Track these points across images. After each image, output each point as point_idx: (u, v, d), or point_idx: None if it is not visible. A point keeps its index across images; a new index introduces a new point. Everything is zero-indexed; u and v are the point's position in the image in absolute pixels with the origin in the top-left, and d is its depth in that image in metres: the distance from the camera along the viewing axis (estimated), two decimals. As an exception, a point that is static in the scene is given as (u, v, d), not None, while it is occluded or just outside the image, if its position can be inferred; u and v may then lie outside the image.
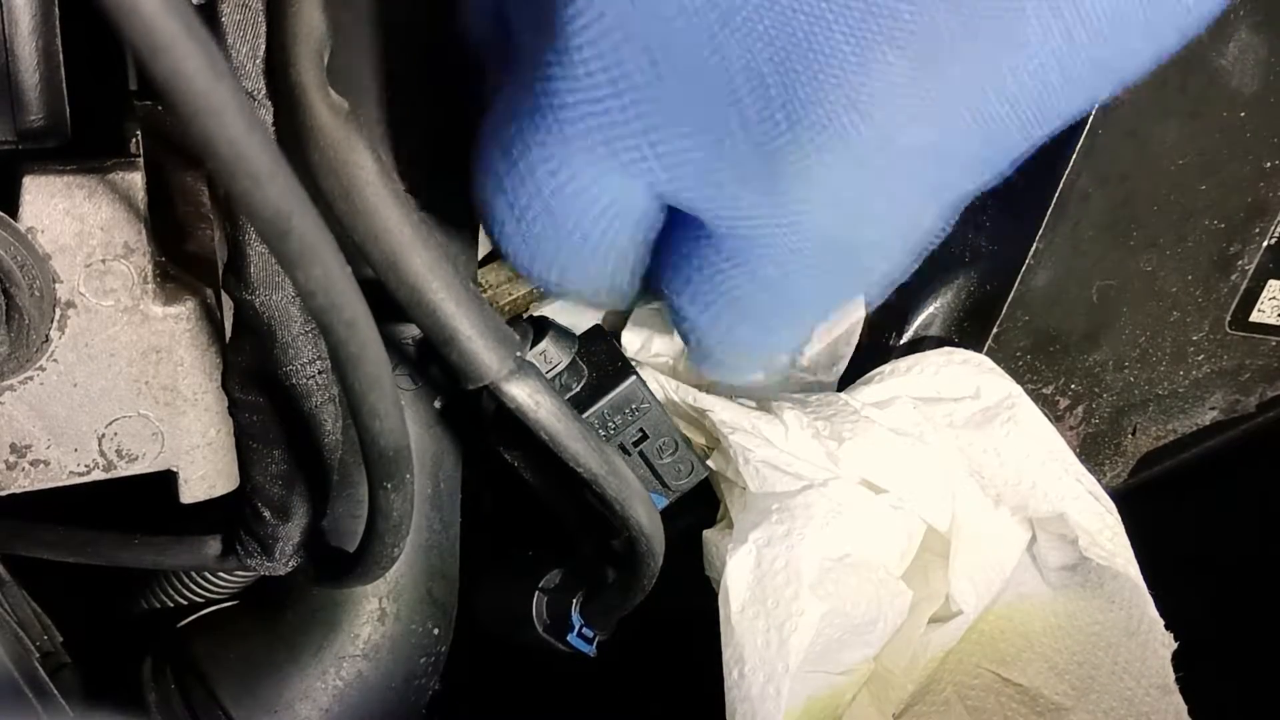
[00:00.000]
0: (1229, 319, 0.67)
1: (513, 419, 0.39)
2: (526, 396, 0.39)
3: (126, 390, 0.44)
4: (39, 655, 0.50)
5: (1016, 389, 0.60)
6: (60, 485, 0.44)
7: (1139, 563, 0.59)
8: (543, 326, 0.49)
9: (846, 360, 0.68)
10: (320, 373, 0.43)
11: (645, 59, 0.27)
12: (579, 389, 0.52)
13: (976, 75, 0.27)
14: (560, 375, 0.50)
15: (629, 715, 0.68)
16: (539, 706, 0.69)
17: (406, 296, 0.37)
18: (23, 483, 0.44)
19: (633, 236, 0.33)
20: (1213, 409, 0.71)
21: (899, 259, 0.33)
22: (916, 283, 0.66)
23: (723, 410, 0.57)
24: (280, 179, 0.28)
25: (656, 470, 0.55)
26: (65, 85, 0.42)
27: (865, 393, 0.60)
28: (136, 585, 0.63)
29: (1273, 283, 0.66)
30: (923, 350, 0.62)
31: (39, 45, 0.41)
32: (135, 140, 0.46)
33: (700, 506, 0.60)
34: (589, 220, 0.32)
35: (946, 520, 0.58)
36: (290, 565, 0.48)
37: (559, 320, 0.50)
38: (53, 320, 0.42)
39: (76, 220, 0.41)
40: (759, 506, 0.55)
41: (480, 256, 0.62)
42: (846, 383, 0.64)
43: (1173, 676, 0.59)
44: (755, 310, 0.32)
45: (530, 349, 0.48)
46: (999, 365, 0.61)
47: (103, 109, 0.47)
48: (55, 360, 0.42)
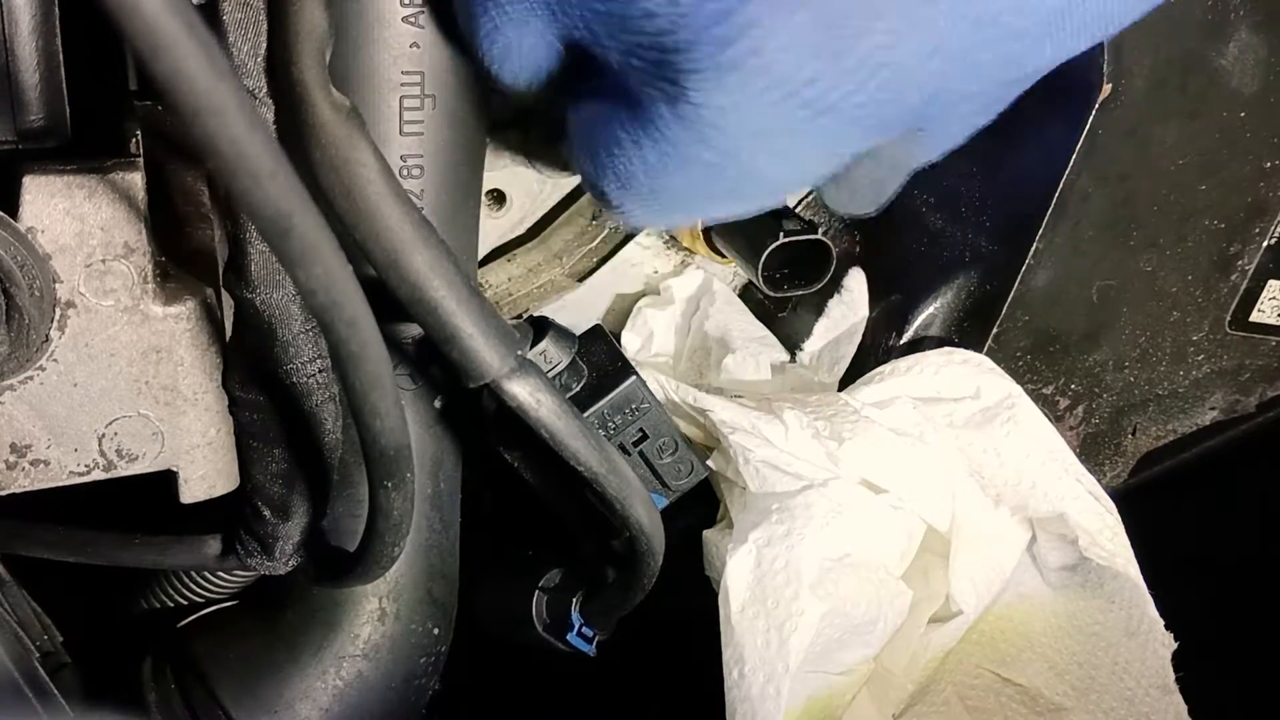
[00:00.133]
0: (1229, 319, 0.67)
1: (513, 418, 0.39)
2: (527, 395, 0.39)
3: (126, 390, 0.44)
4: (39, 655, 0.50)
5: (1016, 389, 0.60)
6: (60, 485, 0.44)
7: (1139, 563, 0.59)
8: (543, 326, 0.49)
9: (847, 360, 0.68)
10: (321, 371, 0.43)
11: None
12: (579, 389, 0.52)
13: (880, 49, 0.29)
14: (560, 375, 0.50)
15: (629, 715, 0.68)
16: (539, 706, 0.69)
17: (407, 294, 0.37)
18: (23, 483, 0.44)
19: (547, 65, 0.36)
20: (1213, 409, 0.71)
21: (775, 190, 0.36)
22: (916, 283, 0.66)
23: (723, 410, 0.57)
24: (281, 177, 0.28)
25: (656, 470, 0.55)
26: (65, 85, 0.42)
27: (865, 393, 0.60)
28: (136, 585, 0.63)
29: (1273, 283, 0.66)
30: (923, 350, 0.62)
31: (39, 45, 0.41)
32: (135, 140, 0.46)
33: (700, 506, 0.60)
34: (516, 42, 0.35)
35: (946, 520, 0.58)
36: (290, 565, 0.48)
37: (559, 320, 0.50)
38: (53, 320, 0.42)
39: (76, 220, 0.41)
40: (759, 506, 0.55)
41: (481, 256, 0.62)
42: (846, 383, 0.64)
43: (1173, 676, 0.59)
44: (632, 186, 0.35)
45: (530, 349, 0.48)
46: (999, 365, 0.61)
47: (103, 109, 0.47)
48: (55, 360, 0.42)
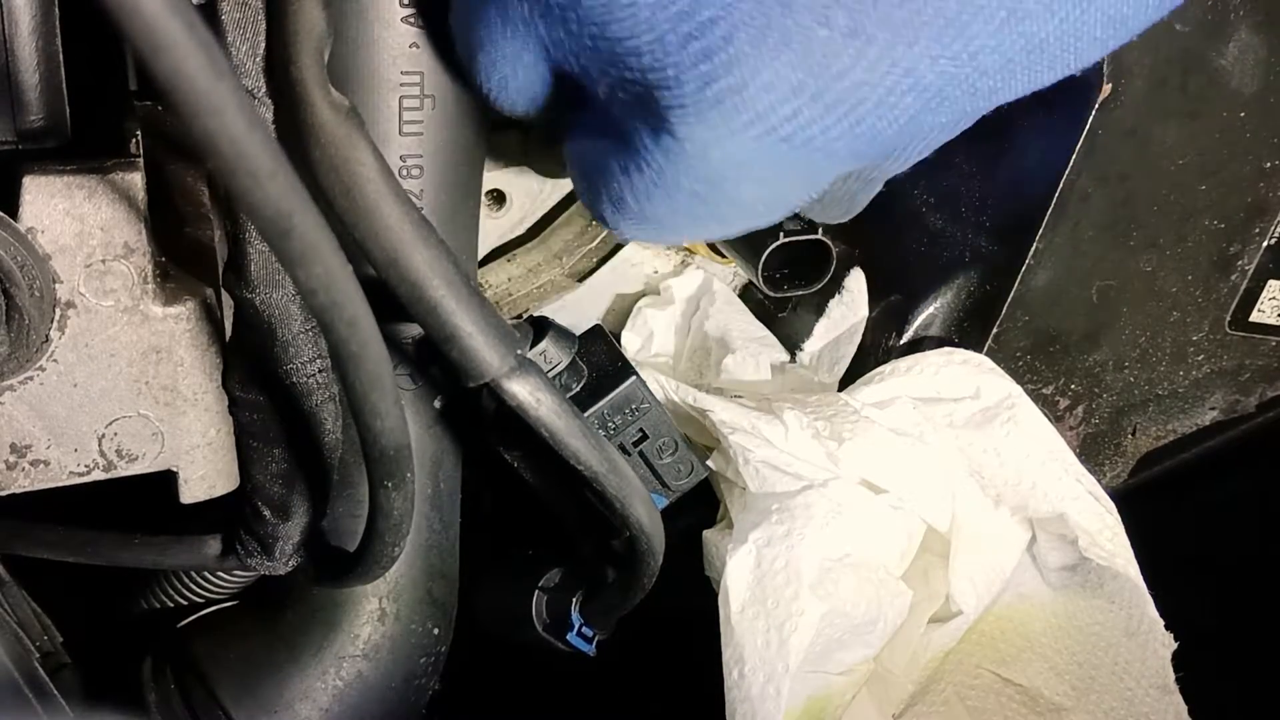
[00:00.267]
0: (1229, 319, 0.67)
1: (513, 417, 0.39)
2: (527, 394, 0.39)
3: (126, 390, 0.44)
4: (39, 655, 0.50)
5: (1016, 389, 0.60)
6: (60, 485, 0.44)
7: (1139, 563, 0.59)
8: (543, 327, 0.49)
9: (847, 360, 0.68)
10: (320, 371, 0.43)
11: None
12: (579, 389, 0.52)
13: (860, 94, 0.30)
14: (560, 375, 0.50)
15: (629, 715, 0.68)
16: (539, 706, 0.69)
17: (407, 294, 0.37)
18: (23, 483, 0.44)
19: (540, 93, 0.37)
20: (1213, 409, 0.71)
21: (758, 216, 0.37)
22: (916, 283, 0.66)
23: (723, 410, 0.57)
24: (281, 177, 0.28)
25: (656, 470, 0.55)
26: (65, 85, 0.42)
27: (865, 393, 0.60)
28: (136, 585, 0.63)
29: (1273, 283, 0.66)
30: (923, 350, 0.62)
31: (39, 45, 0.41)
32: (135, 140, 0.46)
33: (700, 506, 0.60)
34: (511, 71, 0.36)
35: (946, 520, 0.58)
36: (290, 565, 0.48)
37: (559, 320, 0.50)
38: (53, 320, 0.42)
39: (76, 220, 0.41)
40: (759, 506, 0.55)
41: (481, 256, 0.62)
42: (846, 383, 0.64)
43: (1173, 676, 0.59)
44: (621, 207, 0.36)
45: (530, 349, 0.48)
46: (999, 365, 0.61)
47: (103, 109, 0.47)
48: (55, 360, 0.42)
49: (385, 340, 0.35)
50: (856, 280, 0.68)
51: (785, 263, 0.64)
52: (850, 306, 0.68)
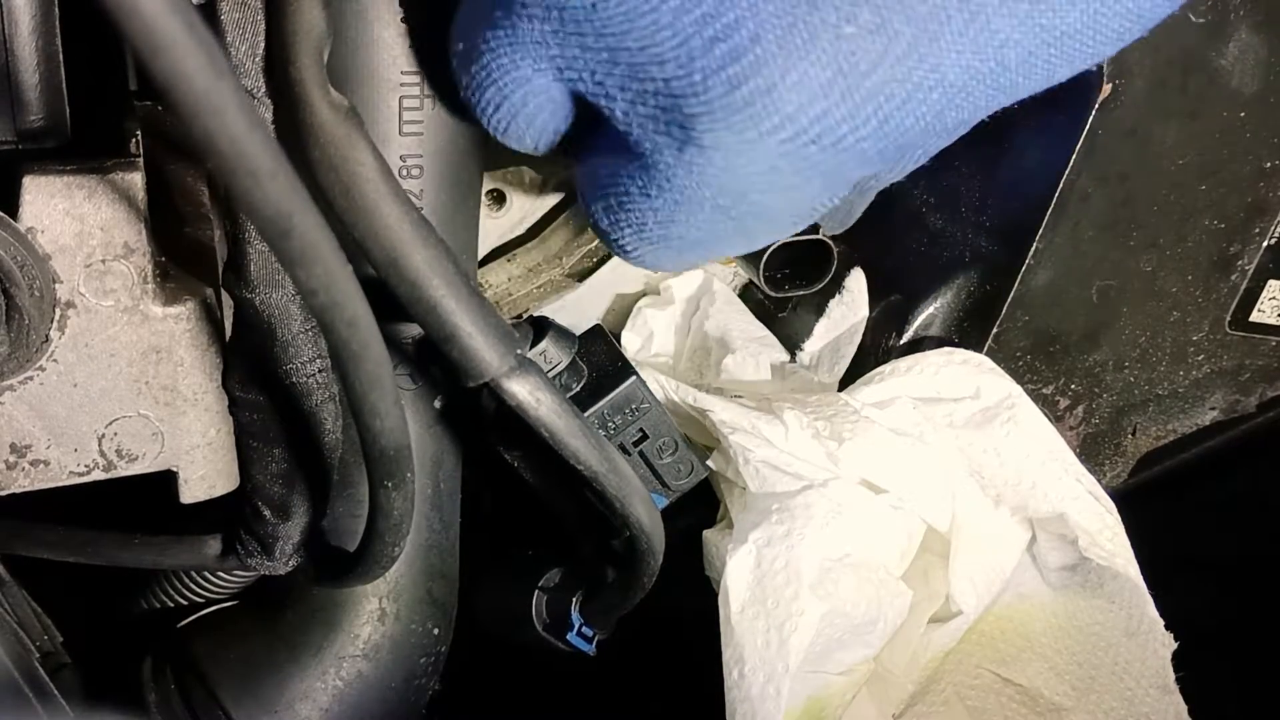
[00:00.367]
0: (1229, 319, 0.67)
1: (513, 417, 0.39)
2: (527, 394, 0.39)
3: (126, 390, 0.44)
4: (39, 655, 0.50)
5: (1016, 389, 0.60)
6: (60, 485, 0.44)
7: (1139, 563, 0.59)
8: (543, 327, 0.49)
9: (847, 360, 0.68)
10: (320, 371, 0.43)
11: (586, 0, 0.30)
12: (579, 389, 0.52)
13: (888, 90, 0.30)
14: (560, 375, 0.50)
15: (629, 715, 0.68)
16: (539, 706, 0.69)
17: (407, 293, 0.37)
18: (23, 483, 0.44)
19: (555, 123, 0.36)
20: (1213, 409, 0.71)
21: (783, 226, 0.37)
22: (916, 283, 0.66)
23: (723, 410, 0.57)
24: (281, 177, 0.28)
25: (656, 470, 0.55)
26: (65, 85, 0.42)
27: (865, 393, 0.60)
28: (136, 585, 0.63)
29: (1273, 283, 0.66)
30: (923, 350, 0.62)
31: (39, 45, 0.41)
32: (135, 140, 0.46)
33: (700, 506, 0.60)
34: (522, 101, 0.35)
35: (946, 520, 0.58)
36: (290, 565, 0.48)
37: (559, 320, 0.50)
38: (53, 320, 0.42)
39: (76, 220, 0.41)
40: (759, 506, 0.55)
41: (481, 256, 0.62)
42: (846, 383, 0.64)
43: (1173, 676, 0.59)
44: (644, 233, 0.35)
45: (530, 349, 0.48)
46: (999, 365, 0.61)
47: (103, 109, 0.47)
48: (55, 360, 0.42)
49: (385, 340, 0.35)
50: (857, 280, 0.68)
51: (786, 263, 0.64)
52: (850, 306, 0.68)
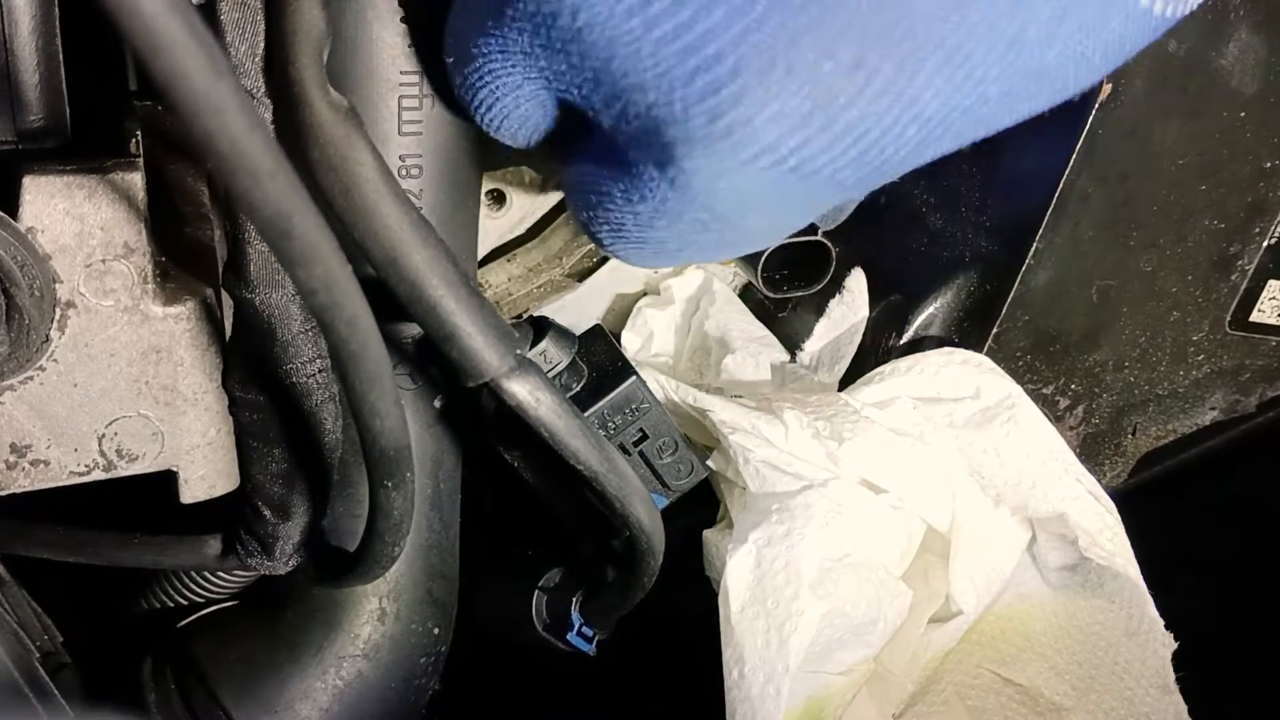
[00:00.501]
0: (1229, 319, 0.67)
1: (513, 417, 0.39)
2: (527, 394, 0.39)
3: (126, 390, 0.44)
4: (39, 655, 0.50)
5: (1016, 389, 0.60)
6: (60, 485, 0.44)
7: (1139, 563, 0.59)
8: (543, 327, 0.49)
9: (847, 360, 0.68)
10: (320, 371, 0.43)
11: (572, 23, 0.30)
12: (579, 389, 0.52)
13: (865, 124, 0.30)
14: (560, 375, 0.50)
15: (629, 715, 0.68)
16: (539, 706, 0.69)
17: (406, 293, 0.37)
18: (23, 483, 0.44)
19: (543, 125, 0.37)
20: (1213, 409, 0.71)
21: (761, 241, 0.37)
22: (916, 283, 0.66)
23: (723, 410, 0.57)
24: (281, 177, 0.28)
25: (656, 470, 0.55)
26: (65, 85, 0.42)
27: (865, 393, 0.60)
28: (136, 585, 0.63)
29: (1273, 283, 0.66)
30: (923, 350, 0.62)
31: (39, 45, 0.41)
32: (135, 140, 0.46)
33: (700, 506, 0.60)
34: (512, 104, 0.36)
35: (946, 520, 0.58)
36: (290, 565, 0.48)
37: (559, 320, 0.50)
38: (53, 320, 0.42)
39: (76, 220, 0.41)
40: (759, 506, 0.55)
41: (481, 256, 0.62)
42: (846, 383, 0.64)
43: (1173, 676, 0.59)
44: (624, 234, 0.36)
45: (530, 349, 0.48)
46: (999, 365, 0.61)
47: (103, 109, 0.47)
48: (55, 360, 0.42)
49: (385, 340, 0.35)
50: (857, 280, 0.68)
51: (785, 263, 0.64)
52: (850, 306, 0.68)
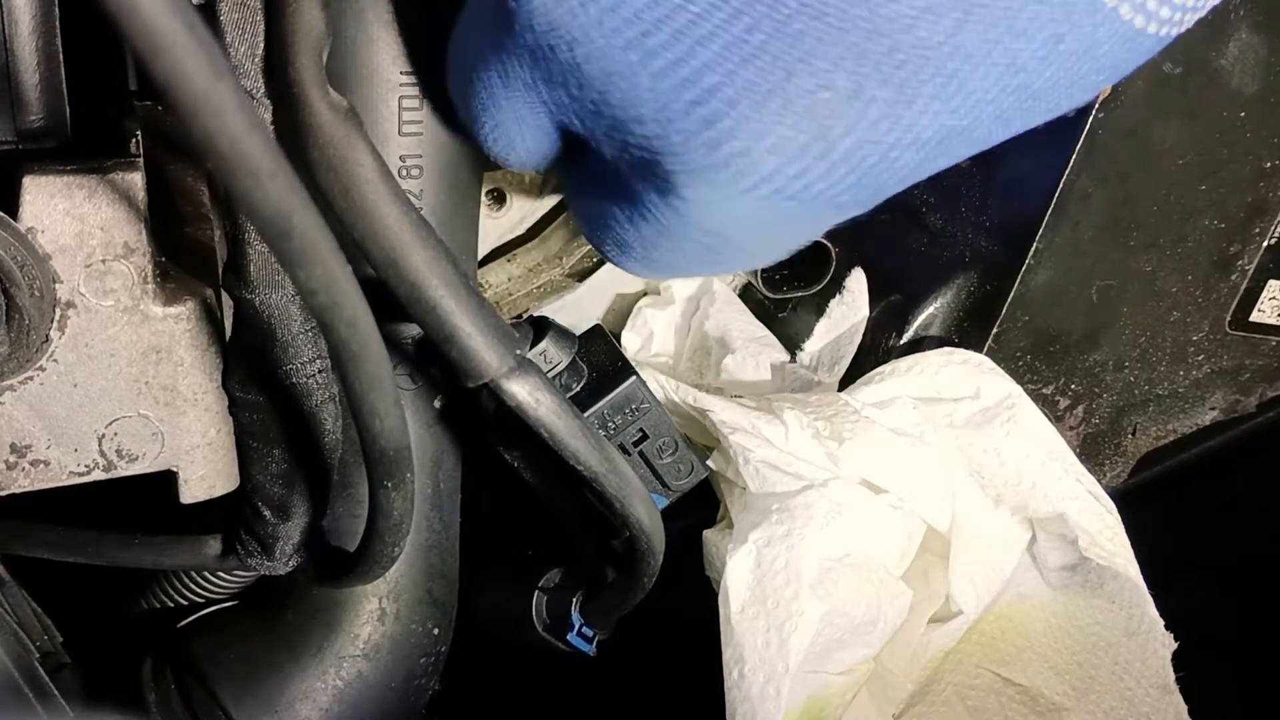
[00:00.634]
0: (1229, 319, 0.67)
1: (513, 417, 0.39)
2: (526, 394, 0.39)
3: (126, 390, 0.44)
4: (39, 655, 0.50)
5: (1016, 389, 0.60)
6: (60, 485, 0.44)
7: (1139, 563, 0.59)
8: (543, 327, 0.49)
9: (847, 360, 0.68)
10: (320, 372, 0.43)
11: (571, 58, 0.31)
12: (579, 389, 0.52)
13: (864, 150, 0.31)
14: (560, 375, 0.50)
15: (629, 715, 0.68)
16: (539, 706, 0.69)
17: (406, 294, 0.37)
18: (23, 483, 0.44)
19: (548, 150, 0.37)
20: (1213, 409, 0.71)
21: (763, 259, 0.38)
22: (916, 283, 0.66)
23: (723, 410, 0.57)
24: (281, 177, 0.28)
25: (656, 470, 0.55)
26: (65, 85, 0.42)
27: (865, 393, 0.60)
28: (136, 585, 0.63)
29: (1273, 283, 0.66)
30: (923, 350, 0.62)
31: (39, 45, 0.41)
32: (135, 140, 0.46)
33: (700, 506, 0.60)
34: (516, 131, 0.36)
35: (946, 520, 0.58)
36: (290, 565, 0.48)
37: (559, 320, 0.50)
38: (53, 320, 0.42)
39: (76, 220, 0.41)
40: (759, 506, 0.55)
41: (480, 256, 0.62)
42: (846, 383, 0.64)
43: (1173, 676, 0.59)
44: (627, 251, 0.37)
45: (530, 349, 0.48)
46: (999, 365, 0.61)
47: (103, 109, 0.47)
48: (55, 360, 0.42)
49: (385, 340, 0.35)
50: (857, 280, 0.68)
51: (785, 263, 0.64)
52: (850, 306, 0.68)
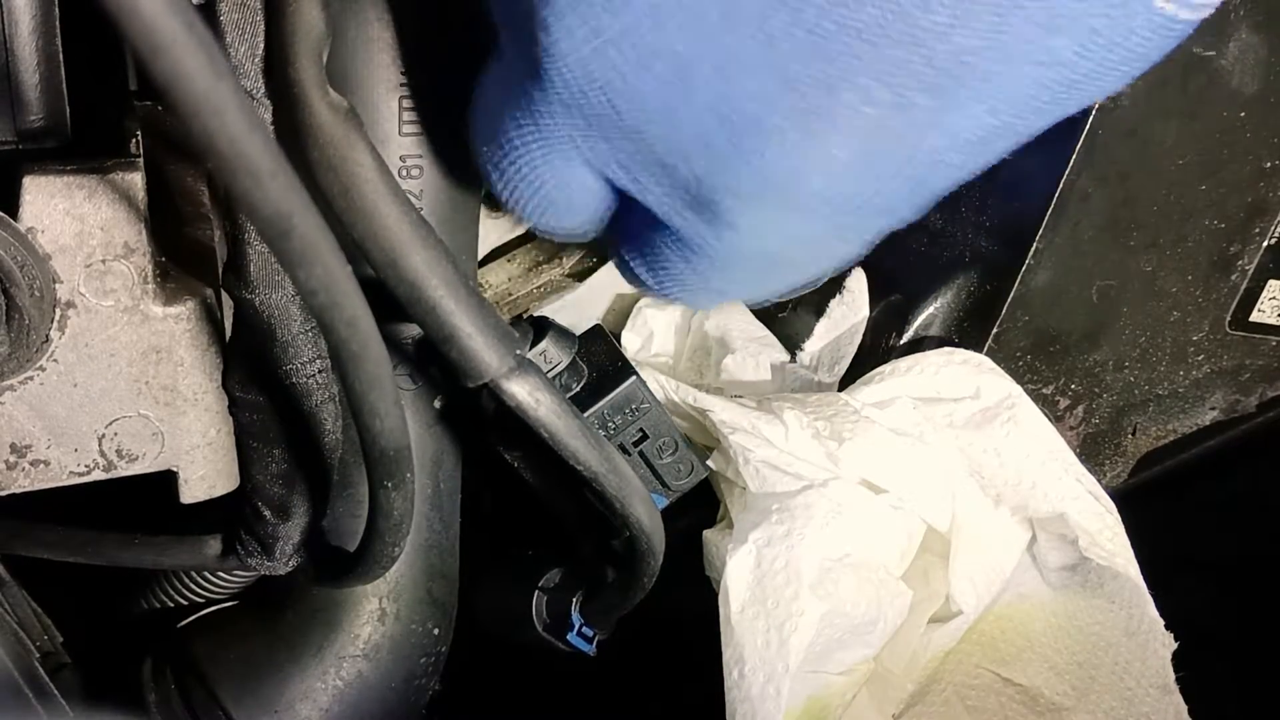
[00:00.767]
0: (1229, 319, 0.67)
1: (513, 417, 0.39)
2: (526, 394, 0.39)
3: (126, 390, 0.44)
4: (39, 655, 0.50)
5: (1016, 389, 0.60)
6: (60, 485, 0.44)
7: (1139, 563, 0.59)
8: (543, 327, 0.49)
9: (847, 360, 0.68)
10: (320, 372, 0.43)
11: (607, 103, 0.30)
12: (579, 389, 0.52)
13: (913, 158, 0.31)
14: (560, 375, 0.50)
15: (629, 715, 0.68)
16: (539, 706, 0.69)
17: (406, 294, 0.37)
18: (23, 483, 0.44)
19: (595, 208, 0.37)
20: (1213, 409, 0.71)
21: (814, 276, 0.39)
22: (916, 283, 0.66)
23: (723, 410, 0.57)
24: (281, 178, 0.28)
25: (656, 470, 0.55)
26: (65, 85, 0.42)
27: (865, 393, 0.60)
28: (136, 585, 0.63)
29: (1273, 283, 0.66)
30: (923, 350, 0.62)
31: (39, 45, 0.41)
32: (135, 140, 0.46)
33: (700, 506, 0.60)
34: (559, 193, 0.36)
35: (946, 520, 0.58)
36: (290, 565, 0.48)
37: (559, 320, 0.50)
38: (53, 320, 0.42)
39: (76, 220, 0.41)
40: (759, 506, 0.55)
41: (481, 256, 0.62)
42: (846, 383, 0.64)
43: (1173, 676, 0.59)
44: (685, 286, 0.37)
45: (530, 349, 0.48)
46: (999, 365, 0.61)
47: (103, 109, 0.47)
48: (55, 360, 0.42)
49: (385, 340, 0.35)
50: (857, 280, 0.68)
51: (785, 263, 0.64)
52: (851, 306, 0.68)
